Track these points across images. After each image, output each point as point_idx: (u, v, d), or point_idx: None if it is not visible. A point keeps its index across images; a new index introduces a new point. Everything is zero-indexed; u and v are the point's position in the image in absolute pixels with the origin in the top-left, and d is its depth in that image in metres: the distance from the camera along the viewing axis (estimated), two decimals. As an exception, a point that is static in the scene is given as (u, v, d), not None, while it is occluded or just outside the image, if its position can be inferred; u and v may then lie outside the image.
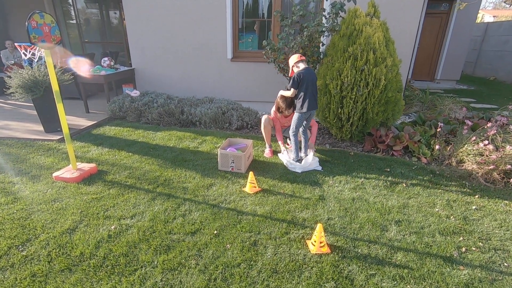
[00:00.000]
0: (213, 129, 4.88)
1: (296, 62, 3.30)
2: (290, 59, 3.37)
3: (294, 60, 3.33)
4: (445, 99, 6.27)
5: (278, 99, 3.56)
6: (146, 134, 4.50)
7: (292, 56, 3.38)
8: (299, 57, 3.30)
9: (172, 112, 5.01)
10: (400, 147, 3.88)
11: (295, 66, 3.32)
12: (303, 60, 3.33)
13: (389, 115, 4.17)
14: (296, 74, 3.26)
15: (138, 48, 6.01)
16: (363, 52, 3.83)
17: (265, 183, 3.11)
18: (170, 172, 3.32)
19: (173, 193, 2.88)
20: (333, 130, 4.41)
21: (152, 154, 3.79)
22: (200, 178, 3.19)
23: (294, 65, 3.33)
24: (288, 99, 3.43)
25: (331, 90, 4.04)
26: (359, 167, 3.53)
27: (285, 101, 3.44)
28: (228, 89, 6.03)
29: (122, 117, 5.24)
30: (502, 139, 3.12)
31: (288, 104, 3.47)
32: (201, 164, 3.54)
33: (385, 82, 3.82)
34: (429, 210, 2.68)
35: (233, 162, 3.33)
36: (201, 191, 2.93)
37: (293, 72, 3.36)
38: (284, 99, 3.47)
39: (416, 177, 3.29)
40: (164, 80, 6.14)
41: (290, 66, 3.37)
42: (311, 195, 2.90)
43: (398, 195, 2.91)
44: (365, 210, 2.64)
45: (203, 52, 5.84)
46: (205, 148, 4.03)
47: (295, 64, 3.31)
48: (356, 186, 3.08)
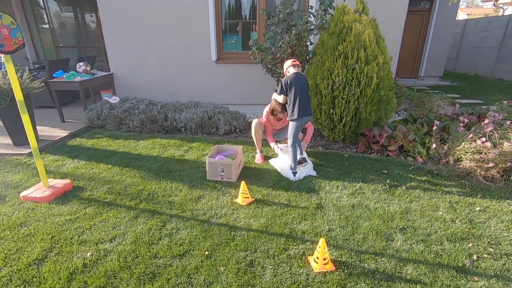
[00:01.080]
0: (200, 135, 4.62)
1: (288, 67, 3.20)
2: (284, 63, 3.28)
3: (286, 65, 3.24)
4: (432, 95, 6.26)
5: (273, 102, 3.37)
6: (128, 144, 4.19)
7: (287, 61, 3.28)
8: (292, 62, 3.19)
9: (155, 119, 4.72)
10: (395, 147, 3.76)
11: (287, 72, 3.21)
12: (296, 65, 3.18)
13: (382, 114, 4.05)
14: (284, 80, 3.10)
15: (117, 52, 5.67)
16: (353, 50, 3.69)
17: (258, 193, 2.89)
18: (154, 184, 3.05)
19: (158, 209, 2.61)
20: (325, 132, 4.25)
21: (134, 165, 3.50)
22: (188, 190, 2.94)
23: (286, 70, 3.23)
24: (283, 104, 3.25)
25: (322, 90, 3.87)
26: (355, 170, 3.37)
27: (280, 104, 3.25)
28: (214, 92, 5.78)
29: (101, 126, 4.90)
30: (499, 135, 3.04)
31: (283, 107, 3.27)
32: (188, 174, 3.28)
33: (377, 81, 3.69)
34: (433, 214, 2.53)
35: (222, 171, 3.09)
36: (189, 205, 2.68)
37: (284, 71, 3.24)
38: (279, 102, 3.28)
39: (414, 178, 3.16)
40: (146, 85, 5.82)
41: (284, 71, 3.29)
42: (308, 203, 2.70)
43: (399, 199, 2.76)
44: (367, 218, 2.47)
45: (186, 54, 5.58)
46: (192, 156, 3.77)
47: (287, 70, 3.22)
48: (354, 191, 2.91)
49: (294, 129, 3.17)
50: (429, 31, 9.40)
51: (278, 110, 3.25)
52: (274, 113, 3.31)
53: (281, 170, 3.30)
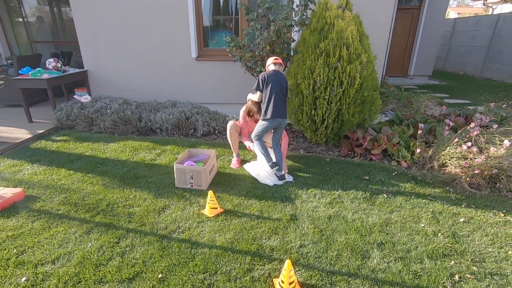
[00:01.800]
0: (176, 137, 4.37)
1: (269, 64, 3.04)
2: (267, 60, 3.13)
3: (268, 62, 3.08)
4: (420, 95, 6.11)
5: (249, 103, 3.15)
6: (96, 146, 3.91)
7: (269, 58, 3.12)
8: (274, 60, 3.04)
9: (128, 119, 4.44)
10: (379, 150, 3.57)
11: (267, 69, 3.07)
12: (278, 63, 3.04)
13: (366, 116, 3.85)
14: (261, 75, 2.91)
15: (91, 47, 5.35)
16: (335, 48, 3.48)
17: (229, 202, 2.67)
18: (116, 193, 2.79)
19: (114, 222, 2.36)
20: (307, 134, 4.05)
21: (99, 171, 3.23)
22: (152, 200, 2.69)
23: (267, 67, 3.07)
24: (260, 103, 3.02)
25: (303, 90, 3.66)
26: (335, 175, 3.17)
27: (256, 104, 3.03)
28: (194, 91, 5.51)
29: (71, 127, 4.59)
30: (486, 140, 2.87)
31: (260, 107, 3.05)
32: (156, 181, 3.03)
33: (360, 81, 3.49)
34: (414, 226, 2.35)
35: (192, 178, 2.85)
36: (151, 217, 2.43)
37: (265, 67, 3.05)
38: (255, 102, 3.06)
39: (397, 185, 2.98)
40: (122, 83, 5.51)
41: (266, 69, 3.14)
42: (281, 214, 2.49)
43: (379, 209, 2.56)
44: (343, 232, 2.27)
45: (164, 51, 5.29)
46: (164, 161, 3.51)
47: (268, 67, 3.06)
48: (332, 200, 2.70)
49: (262, 128, 2.95)
50: (418, 29, 9.27)
51: (255, 111, 3.03)
52: (251, 114, 3.08)
53: (257, 176, 3.08)
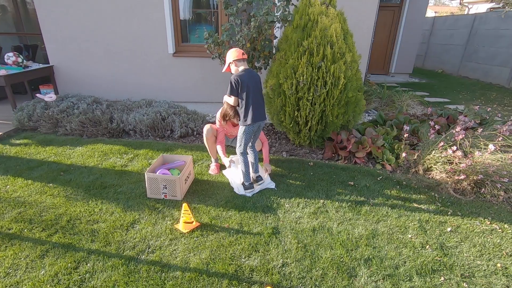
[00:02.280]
0: (151, 139, 4.08)
1: (236, 59, 2.66)
2: (229, 52, 2.70)
3: (233, 56, 2.67)
4: (402, 94, 6.10)
5: (224, 105, 2.89)
6: (61, 151, 3.56)
7: (232, 50, 2.70)
8: (242, 55, 2.67)
9: (98, 120, 4.09)
10: (363, 153, 3.46)
11: (233, 64, 2.69)
12: (245, 59, 2.71)
13: (350, 117, 3.73)
14: (234, 79, 2.61)
15: (56, 41, 4.91)
16: (319, 46, 3.31)
17: (206, 214, 2.45)
18: (79, 206, 2.51)
19: (75, 243, 2.10)
20: (290, 135, 3.88)
21: (62, 180, 2.91)
22: (120, 213, 2.43)
23: (233, 62, 2.68)
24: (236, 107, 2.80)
25: (285, 91, 3.48)
26: (319, 181, 3.02)
27: (232, 107, 2.79)
28: (171, 89, 5.21)
29: (33, 128, 4.18)
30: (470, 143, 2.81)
31: (236, 111, 2.82)
32: (126, 191, 2.77)
33: (344, 81, 3.34)
34: (402, 237, 2.24)
35: (165, 187, 2.61)
36: (117, 235, 2.18)
37: (229, 68, 2.76)
38: (231, 105, 2.82)
39: (382, 191, 2.87)
40: (92, 80, 5.11)
41: (227, 62, 2.73)
42: (262, 227, 2.31)
43: (365, 219, 2.44)
44: (328, 246, 2.12)
45: (139, 46, 4.93)
46: (136, 167, 3.24)
47: (235, 62, 2.68)
48: (316, 209, 2.55)
49: (245, 136, 2.75)
50: (400, 27, 9.31)
51: (231, 115, 2.80)
52: (227, 118, 2.86)
53: (234, 186, 2.87)
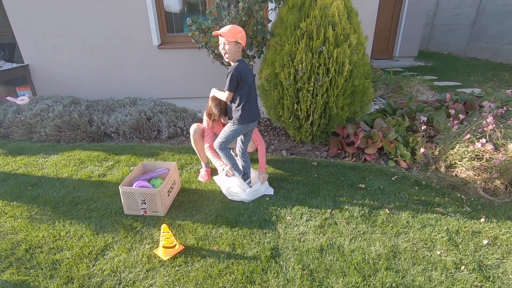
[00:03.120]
0: (136, 141, 3.67)
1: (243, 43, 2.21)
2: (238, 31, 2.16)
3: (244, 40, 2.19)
4: (410, 79, 5.63)
5: (209, 102, 2.47)
6: (33, 160, 3.17)
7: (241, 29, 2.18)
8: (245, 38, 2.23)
9: (76, 123, 3.68)
10: (374, 149, 3.04)
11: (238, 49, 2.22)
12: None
13: (357, 108, 3.30)
14: (236, 72, 2.17)
15: (28, 37, 4.46)
16: (319, 28, 2.86)
17: (192, 234, 2.06)
18: (43, 230, 2.12)
19: (30, 281, 1.71)
20: (290, 131, 3.46)
21: (28, 196, 2.53)
22: (90, 237, 2.04)
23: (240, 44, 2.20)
24: (222, 102, 2.37)
25: (282, 81, 3.04)
26: (325, 185, 2.62)
27: (218, 104, 2.37)
28: (157, 85, 4.77)
29: (5, 135, 3.78)
30: (502, 135, 2.38)
31: (223, 110, 2.40)
32: (101, 207, 2.37)
33: (350, 67, 2.90)
34: (429, 255, 1.84)
35: (144, 202, 2.22)
36: (83, 267, 1.80)
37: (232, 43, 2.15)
38: (217, 102, 2.39)
39: (399, 194, 2.46)
40: (71, 79, 4.68)
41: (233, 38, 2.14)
42: (259, 249, 1.91)
43: (382, 232, 2.04)
44: (340, 272, 1.72)
45: (120, 39, 4.48)
46: (116, 176, 2.84)
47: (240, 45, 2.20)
48: (323, 221, 2.15)
49: (232, 135, 2.36)
50: (403, 8, 8.73)
51: (216, 114, 2.38)
52: (212, 118, 2.43)
53: (228, 193, 2.47)
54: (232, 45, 2.16)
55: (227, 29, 2.15)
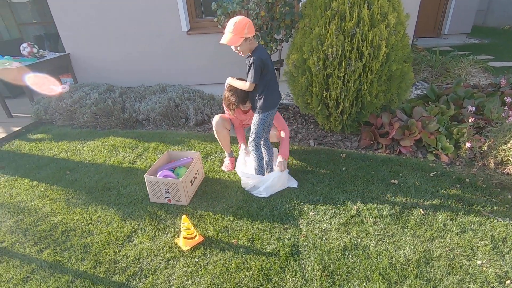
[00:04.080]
0: (165, 128, 3.76)
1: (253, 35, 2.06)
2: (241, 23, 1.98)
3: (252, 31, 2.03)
4: (460, 60, 5.02)
5: (225, 92, 2.36)
6: (72, 146, 3.39)
7: (244, 20, 2.00)
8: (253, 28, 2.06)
9: (110, 110, 3.85)
10: (411, 141, 2.78)
11: (248, 41, 2.04)
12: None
13: (393, 96, 3.02)
14: (259, 61, 2.03)
15: (68, 27, 4.69)
16: (353, 7, 2.60)
17: (212, 225, 2.07)
18: (77, 213, 2.27)
19: (64, 261, 1.85)
20: (318, 119, 3.29)
21: (67, 181, 2.72)
22: (118, 223, 2.15)
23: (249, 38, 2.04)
24: (239, 89, 2.27)
25: (311, 67, 2.86)
26: (353, 179, 2.46)
27: (235, 93, 2.28)
28: (186, 71, 4.79)
29: (50, 121, 4.09)
30: None
31: (241, 97, 2.30)
32: (129, 193, 2.48)
33: (386, 50, 2.63)
34: (468, 264, 1.65)
35: (167, 191, 2.26)
36: (110, 252, 1.90)
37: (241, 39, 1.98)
38: (234, 90, 2.30)
39: (437, 193, 2.23)
40: (107, 66, 4.88)
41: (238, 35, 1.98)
42: (279, 244, 1.86)
43: (414, 235, 1.87)
44: (363, 276, 1.62)
45: (149, 26, 4.52)
46: (144, 163, 2.94)
47: (250, 38, 2.06)
48: (349, 219, 2.03)
49: (263, 125, 2.27)
50: (456, -23, 7.72)
51: (234, 102, 2.28)
52: (232, 107, 2.35)
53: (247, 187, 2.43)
54: (242, 44, 2.03)
55: (229, 32, 2.00)
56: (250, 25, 2.01)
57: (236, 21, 1.99)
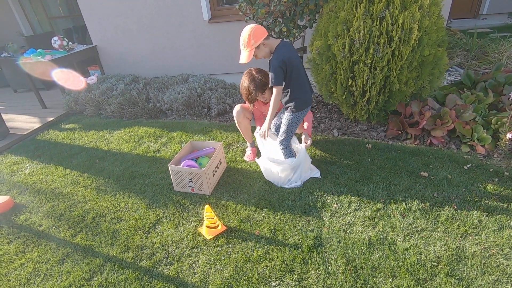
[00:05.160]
0: (188, 118, 3.80)
1: (265, 37, 1.97)
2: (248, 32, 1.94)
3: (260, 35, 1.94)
4: (500, 42, 4.62)
5: (242, 82, 2.28)
6: (101, 135, 3.53)
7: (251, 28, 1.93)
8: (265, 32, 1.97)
9: (135, 101, 3.95)
10: (443, 131, 2.62)
11: (262, 46, 1.99)
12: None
13: (425, 83, 2.84)
14: (279, 62, 1.95)
15: (94, 19, 4.82)
16: (382, -12, 2.43)
17: (235, 215, 2.08)
18: (107, 200, 2.38)
19: (95, 246, 1.95)
20: (343, 108, 3.18)
21: (96, 169, 2.85)
22: (144, 210, 2.22)
23: (262, 43, 1.97)
24: (257, 79, 2.21)
25: (336, 54, 2.74)
26: (380, 171, 2.37)
27: (253, 81, 2.21)
28: (208, 60, 4.79)
29: (80, 111, 4.28)
30: None
31: (259, 86, 2.22)
32: (154, 181, 2.55)
33: (419, 34, 2.46)
34: (505, 264, 1.55)
35: (191, 181, 2.30)
36: (137, 238, 1.97)
37: (252, 50, 1.95)
38: (251, 79, 2.22)
39: (471, 187, 2.10)
40: (130, 57, 4.99)
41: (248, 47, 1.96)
42: (301, 236, 1.84)
43: (445, 231, 1.78)
44: (389, 272, 1.57)
45: (171, 16, 4.54)
46: (168, 152, 3.01)
47: (265, 42, 1.98)
48: (374, 212, 1.96)
49: (294, 125, 2.22)
50: (499, -51, 7.02)
51: (251, 91, 2.22)
52: (251, 100, 2.30)
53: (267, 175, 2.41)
54: (257, 52, 2.00)
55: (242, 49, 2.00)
56: (254, 33, 1.94)
57: (241, 37, 1.97)
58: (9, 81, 5.37)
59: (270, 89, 2.20)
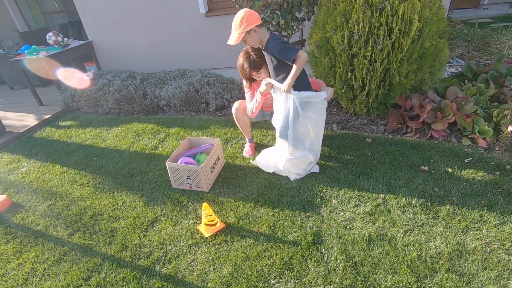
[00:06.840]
0: (186, 114, 3.76)
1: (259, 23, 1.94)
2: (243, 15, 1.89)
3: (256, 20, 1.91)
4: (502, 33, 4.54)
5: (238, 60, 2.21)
6: (98, 133, 3.50)
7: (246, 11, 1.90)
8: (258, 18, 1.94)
9: (132, 97, 3.90)
10: (444, 124, 2.58)
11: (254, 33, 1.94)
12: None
13: (425, 75, 2.79)
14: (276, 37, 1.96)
15: (88, 14, 4.73)
16: (382, -22, 2.37)
17: (233, 212, 2.06)
18: (104, 199, 2.35)
19: (92, 245, 1.93)
20: (342, 102, 3.14)
21: (94, 166, 2.82)
22: (142, 208, 2.20)
23: (255, 29, 1.93)
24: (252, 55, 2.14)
25: (334, 46, 2.69)
26: (379, 165, 2.34)
27: (248, 58, 2.13)
28: (205, 55, 4.72)
29: (77, 108, 4.23)
30: None
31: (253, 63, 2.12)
32: (152, 179, 2.53)
33: (419, 25, 2.40)
34: (506, 259, 1.53)
35: (189, 178, 2.27)
36: (135, 237, 1.95)
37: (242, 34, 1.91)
38: (247, 56, 2.15)
39: (472, 181, 2.07)
40: (127, 52, 4.92)
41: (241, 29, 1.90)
42: (300, 233, 1.83)
43: (446, 226, 1.76)
44: (389, 268, 1.55)
45: (167, 10, 4.46)
46: (166, 149, 2.98)
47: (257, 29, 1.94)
48: (374, 208, 1.94)
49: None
50: None
51: (246, 69, 2.13)
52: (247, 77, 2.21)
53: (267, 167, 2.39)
54: (247, 38, 1.94)
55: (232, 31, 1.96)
56: (248, 17, 1.89)
57: (234, 18, 1.92)
58: (4, 78, 5.32)
59: (266, 68, 2.16)
